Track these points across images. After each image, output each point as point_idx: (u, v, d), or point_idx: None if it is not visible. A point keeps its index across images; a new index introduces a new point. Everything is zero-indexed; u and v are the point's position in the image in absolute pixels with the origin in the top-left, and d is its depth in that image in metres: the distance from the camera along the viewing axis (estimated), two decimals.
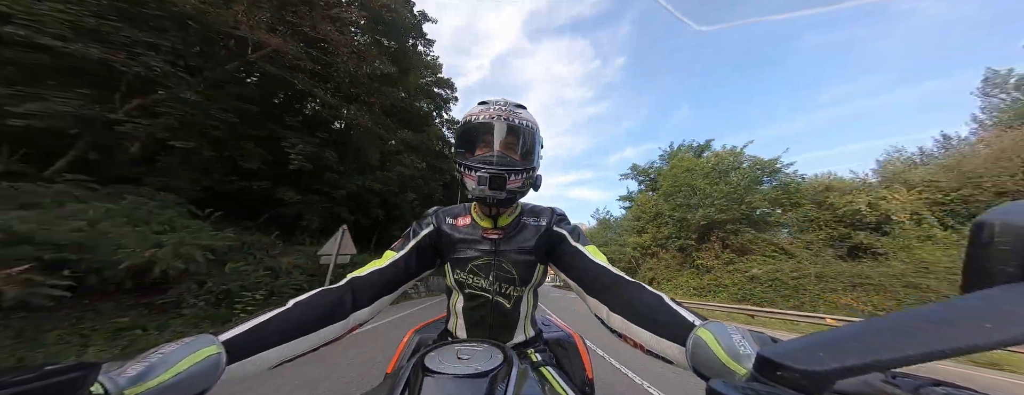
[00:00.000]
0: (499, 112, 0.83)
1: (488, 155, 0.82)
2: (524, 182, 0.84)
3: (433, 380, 0.54)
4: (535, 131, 0.87)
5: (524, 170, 0.82)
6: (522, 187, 0.84)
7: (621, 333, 0.67)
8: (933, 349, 0.22)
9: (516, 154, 0.85)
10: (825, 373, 0.25)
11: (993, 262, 0.26)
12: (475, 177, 0.79)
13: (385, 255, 0.86)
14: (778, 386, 0.28)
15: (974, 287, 0.26)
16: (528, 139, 0.86)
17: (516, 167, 0.81)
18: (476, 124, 0.84)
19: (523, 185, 0.84)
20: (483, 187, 0.78)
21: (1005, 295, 0.24)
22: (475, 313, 0.91)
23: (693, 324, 0.53)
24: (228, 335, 0.51)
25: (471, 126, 0.85)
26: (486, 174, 0.78)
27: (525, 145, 0.86)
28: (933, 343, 0.22)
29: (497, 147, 0.83)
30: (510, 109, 0.84)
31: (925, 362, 0.22)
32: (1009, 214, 0.26)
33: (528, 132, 0.85)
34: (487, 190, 0.79)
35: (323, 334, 0.64)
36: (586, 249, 0.85)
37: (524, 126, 0.84)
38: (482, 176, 0.78)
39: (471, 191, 0.82)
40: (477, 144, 0.86)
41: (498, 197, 0.81)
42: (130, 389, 0.38)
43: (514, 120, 0.83)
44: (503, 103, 0.86)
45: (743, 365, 0.43)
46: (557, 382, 0.80)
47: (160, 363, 0.42)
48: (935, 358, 0.22)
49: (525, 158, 0.86)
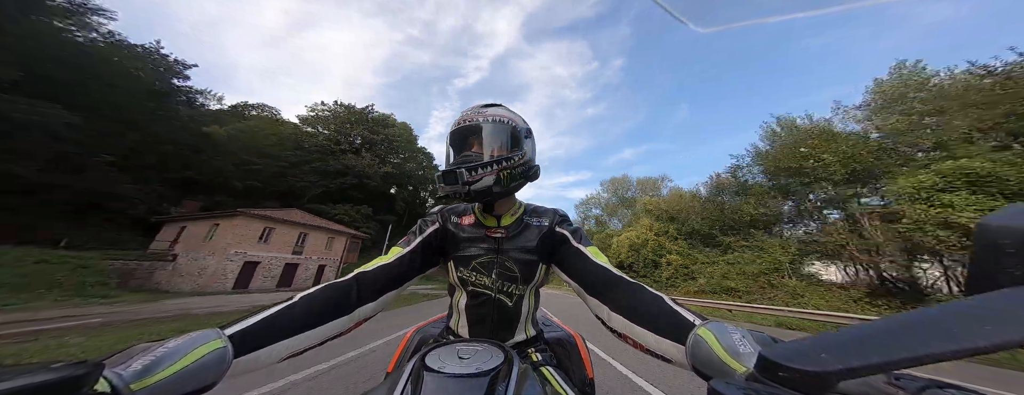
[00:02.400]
0: (464, 117, 0.87)
1: (459, 157, 0.86)
2: (499, 175, 0.80)
3: (434, 379, 0.54)
4: (505, 123, 0.86)
5: (492, 163, 0.80)
6: (498, 182, 0.81)
7: (622, 333, 0.68)
8: (937, 351, 0.22)
9: (481, 149, 0.85)
10: (828, 374, 0.25)
11: (997, 264, 0.26)
12: None
13: (391, 251, 0.87)
14: (780, 387, 0.28)
15: (978, 289, 0.26)
16: (495, 133, 0.84)
17: (479, 162, 0.79)
18: (448, 135, 0.89)
19: (498, 178, 0.80)
20: (441, 184, 0.81)
21: (1009, 297, 0.24)
22: (477, 311, 0.92)
23: (693, 324, 0.54)
24: (234, 329, 0.52)
25: (449, 135, 0.90)
26: (439, 173, 0.81)
27: (491, 139, 0.84)
28: (936, 345, 0.22)
29: (456, 148, 0.88)
30: (476, 111, 0.87)
31: (929, 364, 0.22)
32: (1013, 217, 0.26)
33: (494, 126, 0.84)
34: (445, 186, 0.80)
35: (329, 328, 0.65)
36: (587, 250, 0.85)
37: (489, 122, 0.84)
38: (437, 175, 0.81)
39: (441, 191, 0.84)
40: (455, 151, 0.91)
41: (458, 191, 0.79)
42: (136, 383, 0.38)
43: (476, 119, 0.85)
44: (472, 107, 0.90)
45: (743, 364, 0.43)
46: (557, 382, 0.80)
47: (166, 357, 0.42)
48: (939, 360, 0.22)
49: (491, 150, 0.83)
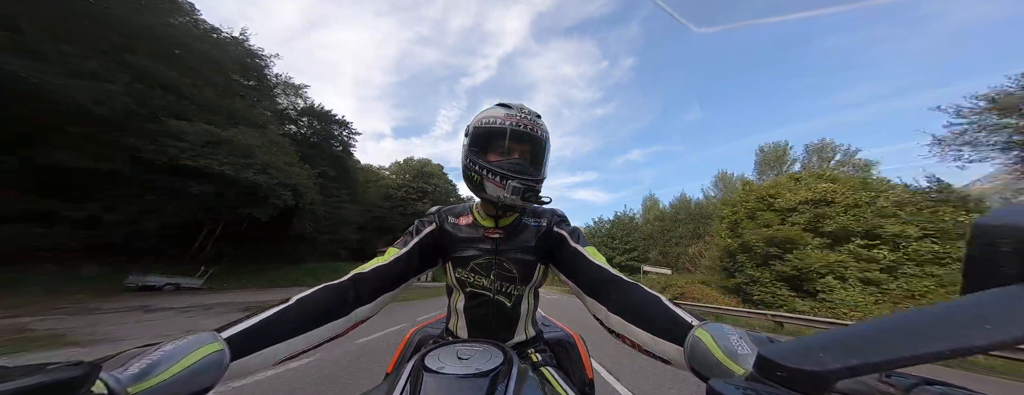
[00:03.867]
0: (523, 120, 0.83)
1: (513, 162, 0.82)
2: (537, 190, 0.87)
3: (433, 380, 0.54)
4: (548, 141, 0.89)
5: (543, 179, 0.86)
6: (534, 197, 0.88)
7: (619, 333, 0.68)
8: (934, 350, 0.22)
9: (540, 165, 0.88)
10: (827, 373, 0.25)
11: (993, 264, 0.26)
12: (505, 185, 0.79)
13: (388, 252, 0.86)
14: (778, 386, 0.28)
15: (974, 288, 0.26)
16: (543, 150, 0.88)
17: (539, 177, 0.84)
18: (498, 128, 0.84)
19: (536, 193, 0.88)
20: (516, 197, 0.80)
21: (1005, 297, 0.24)
22: (476, 312, 0.91)
23: (691, 324, 0.54)
24: (231, 332, 0.51)
25: (493, 129, 0.84)
26: (520, 185, 0.79)
27: (541, 156, 0.88)
28: (934, 344, 0.22)
29: (517, 155, 0.84)
30: (532, 119, 0.85)
31: (926, 363, 0.22)
32: (1009, 216, 0.26)
33: (545, 143, 0.87)
34: (519, 200, 0.80)
35: (326, 330, 0.64)
36: (585, 250, 0.85)
37: (543, 137, 0.86)
38: (516, 187, 0.79)
39: (493, 194, 0.82)
40: (494, 147, 0.86)
41: (528, 204, 0.84)
42: (132, 386, 0.38)
43: (537, 131, 0.84)
44: (526, 111, 0.86)
45: (741, 365, 0.43)
46: (557, 382, 0.80)
47: (162, 360, 0.42)
48: (936, 359, 0.22)
49: (538, 167, 0.88)
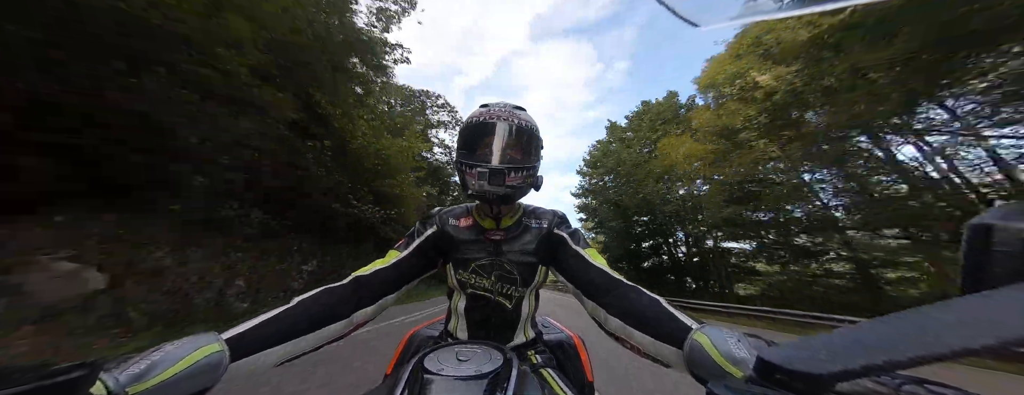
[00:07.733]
0: (500, 113, 0.85)
1: (489, 154, 0.84)
2: (524, 180, 0.85)
3: (432, 381, 0.54)
4: (534, 131, 0.88)
5: (523, 168, 0.84)
6: (522, 185, 0.86)
7: (619, 336, 0.68)
8: (932, 352, 0.22)
9: (516, 153, 0.86)
10: (825, 376, 0.25)
11: (991, 264, 0.26)
12: (475, 173, 0.80)
13: (389, 254, 0.87)
14: (778, 389, 0.28)
15: (972, 289, 0.26)
16: (527, 139, 0.87)
17: (516, 165, 0.83)
18: (477, 125, 0.85)
19: (523, 182, 0.86)
20: (483, 182, 0.80)
21: (1003, 297, 0.24)
22: (476, 313, 0.91)
23: (690, 327, 0.54)
24: (231, 333, 0.51)
25: (473, 127, 0.86)
26: (486, 170, 0.80)
27: (524, 144, 0.87)
28: (932, 345, 0.22)
29: (498, 146, 0.84)
30: (510, 110, 0.86)
31: (924, 364, 0.22)
32: (1006, 216, 0.26)
33: (527, 132, 0.86)
34: (487, 185, 0.80)
35: (326, 332, 0.64)
36: (586, 252, 0.85)
37: (524, 127, 0.85)
38: (482, 171, 0.80)
39: (472, 187, 0.83)
40: (478, 144, 0.88)
41: (497, 192, 0.82)
42: (132, 387, 0.38)
43: (514, 121, 0.84)
44: (503, 105, 0.88)
45: (740, 368, 0.43)
46: (557, 384, 0.80)
47: (162, 361, 0.42)
48: (934, 360, 0.22)
49: (525, 157, 0.87)
